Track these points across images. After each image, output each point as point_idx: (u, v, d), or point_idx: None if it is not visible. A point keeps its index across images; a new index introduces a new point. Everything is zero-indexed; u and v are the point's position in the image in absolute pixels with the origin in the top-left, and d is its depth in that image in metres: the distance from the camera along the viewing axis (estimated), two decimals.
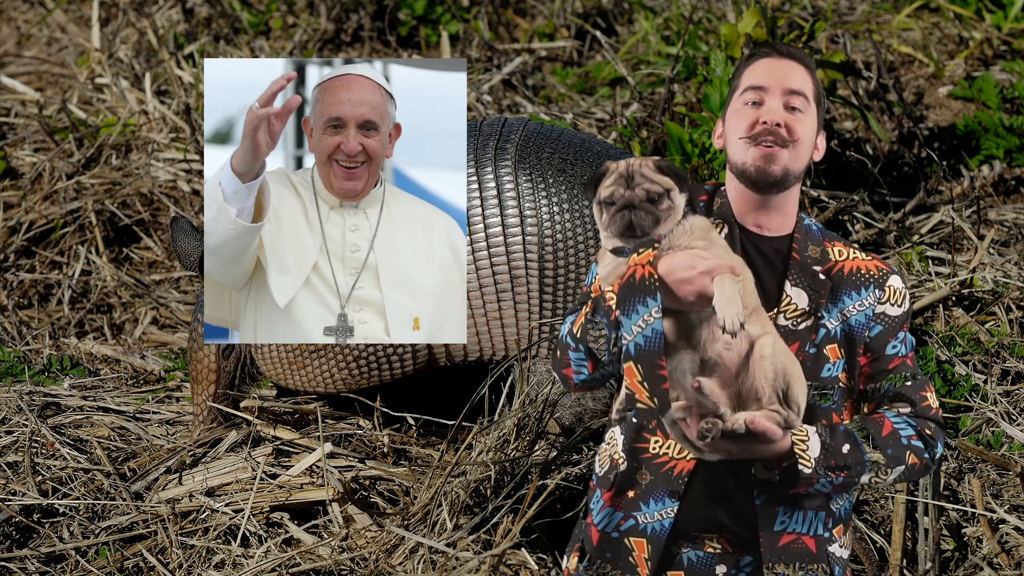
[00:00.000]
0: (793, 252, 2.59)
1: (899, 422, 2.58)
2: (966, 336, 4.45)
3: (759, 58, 2.61)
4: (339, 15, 6.64)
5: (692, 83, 5.78)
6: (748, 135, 2.56)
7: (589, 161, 4.06)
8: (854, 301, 2.59)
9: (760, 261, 2.59)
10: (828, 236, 2.64)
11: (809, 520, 2.60)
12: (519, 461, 3.79)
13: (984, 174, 5.42)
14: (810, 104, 2.58)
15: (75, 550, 3.85)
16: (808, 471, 2.50)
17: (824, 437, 2.52)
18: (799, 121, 2.56)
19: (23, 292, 5.50)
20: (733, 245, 2.59)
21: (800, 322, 2.57)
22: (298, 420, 4.20)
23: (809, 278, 2.58)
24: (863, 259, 2.62)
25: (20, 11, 7.18)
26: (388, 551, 3.75)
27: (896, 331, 2.61)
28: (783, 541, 2.59)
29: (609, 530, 2.65)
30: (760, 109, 2.56)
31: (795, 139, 2.55)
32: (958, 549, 3.78)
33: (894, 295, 2.61)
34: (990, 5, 6.29)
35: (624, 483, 2.64)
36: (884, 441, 2.55)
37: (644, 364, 2.45)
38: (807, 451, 2.50)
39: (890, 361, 2.61)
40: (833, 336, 2.58)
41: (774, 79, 2.57)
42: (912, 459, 2.56)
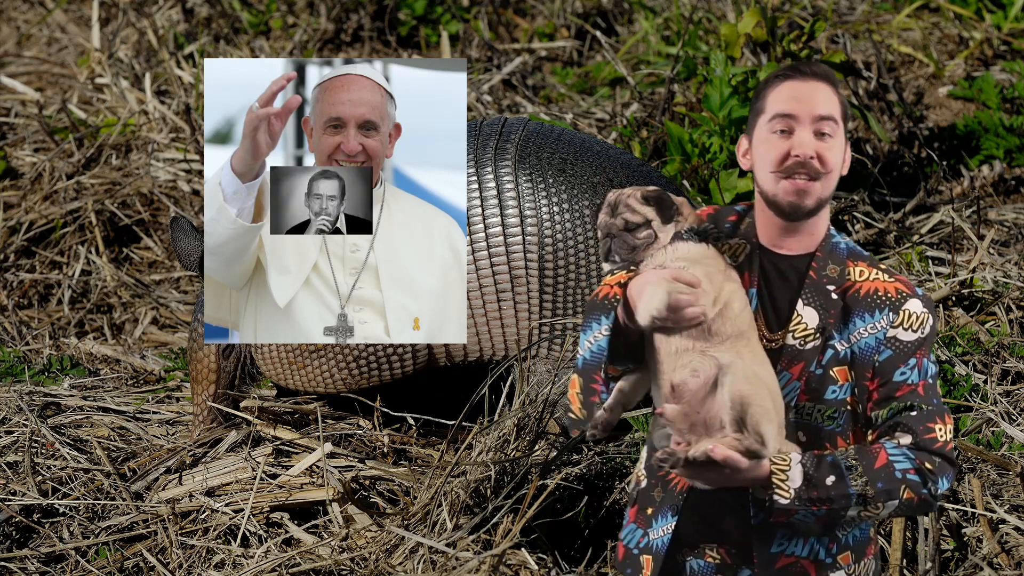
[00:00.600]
0: (811, 271, 2.54)
1: (896, 454, 2.48)
2: (966, 336, 4.45)
3: (783, 80, 2.54)
4: (339, 15, 6.64)
5: (692, 83, 5.78)
6: (779, 169, 2.50)
7: (589, 161, 4.06)
8: (866, 323, 2.51)
9: (777, 280, 2.56)
10: (856, 255, 2.57)
11: (811, 544, 2.55)
12: (519, 461, 3.79)
13: (984, 174, 5.42)
14: (838, 125, 2.52)
15: (75, 550, 3.85)
16: (785, 501, 2.45)
17: (808, 468, 2.45)
18: (830, 148, 2.50)
19: (23, 292, 5.50)
20: (751, 265, 2.56)
21: (808, 342, 2.52)
22: (298, 420, 4.20)
23: (822, 297, 2.52)
24: (884, 280, 2.53)
25: (20, 11, 7.18)
26: (388, 551, 3.75)
27: (907, 357, 2.51)
28: (780, 563, 2.55)
29: (631, 547, 2.66)
30: (790, 140, 2.50)
31: (828, 170, 2.50)
32: (958, 549, 3.78)
33: (908, 319, 2.51)
34: (990, 5, 6.29)
35: (644, 500, 2.65)
36: (875, 474, 2.46)
37: (584, 377, 2.54)
38: (786, 481, 2.45)
39: (898, 388, 2.51)
40: (843, 358, 2.52)
41: (802, 106, 2.50)
42: (907, 494, 2.46)
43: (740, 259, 2.58)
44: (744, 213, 2.61)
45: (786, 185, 2.50)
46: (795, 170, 2.49)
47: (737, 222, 2.61)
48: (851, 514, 2.47)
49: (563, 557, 3.82)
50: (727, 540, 2.57)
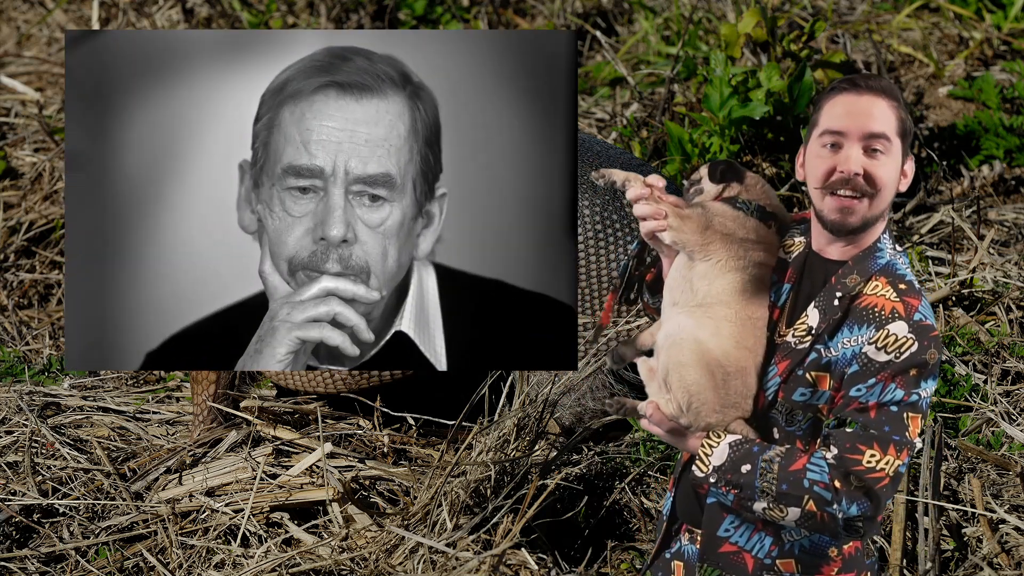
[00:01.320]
0: (833, 276, 2.52)
1: (814, 464, 2.43)
2: (966, 336, 4.45)
3: (838, 94, 2.49)
4: (339, 15, 6.64)
5: (692, 83, 5.78)
6: (824, 185, 2.48)
7: (589, 161, 4.06)
8: (851, 335, 2.47)
9: (809, 280, 2.55)
10: (886, 271, 2.51)
11: (755, 540, 2.54)
12: (519, 461, 3.79)
13: (984, 174, 5.41)
14: (892, 142, 2.47)
15: (75, 550, 3.85)
16: (700, 475, 2.49)
17: (734, 451, 2.46)
18: (880, 166, 2.46)
19: (23, 292, 5.50)
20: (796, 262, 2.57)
21: (802, 342, 2.51)
22: (298, 420, 4.20)
23: (828, 302, 2.51)
24: (891, 299, 2.47)
25: (20, 11, 7.18)
26: (388, 551, 3.75)
27: (869, 376, 2.44)
28: (723, 548, 2.56)
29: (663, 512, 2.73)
30: (838, 155, 2.46)
31: (877, 189, 2.46)
32: (958, 549, 3.78)
33: (885, 339, 2.44)
34: (990, 5, 6.29)
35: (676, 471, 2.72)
36: (786, 475, 2.43)
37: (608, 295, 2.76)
38: (709, 456, 2.48)
39: (849, 403, 2.45)
40: (824, 364, 2.48)
41: (853, 122, 2.46)
42: (810, 506, 2.41)
43: (792, 256, 2.59)
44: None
45: (830, 202, 2.48)
46: (839, 187, 2.46)
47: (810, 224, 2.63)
48: (757, 507, 2.46)
49: (563, 557, 3.82)
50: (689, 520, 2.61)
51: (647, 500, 3.94)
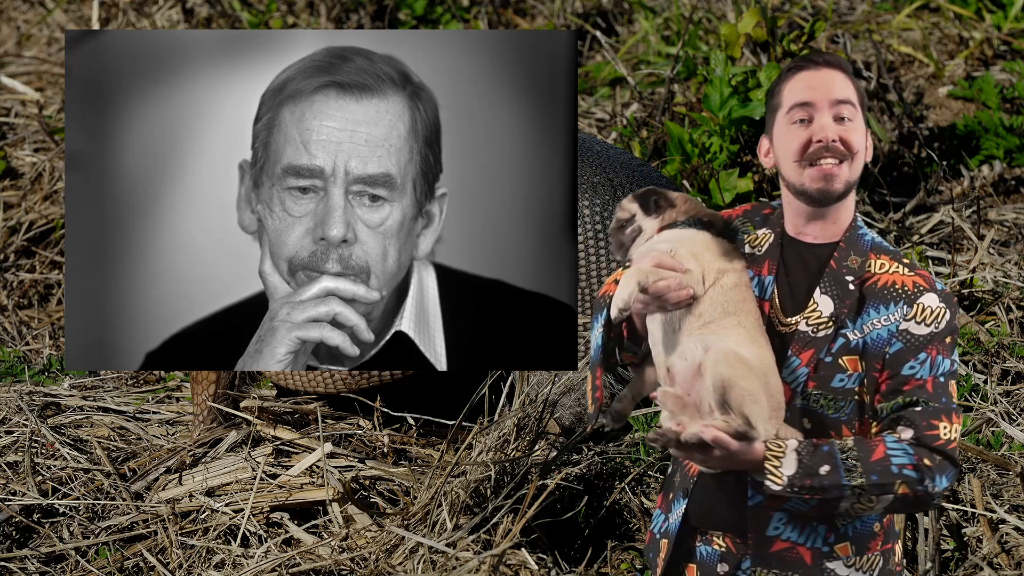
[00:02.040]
0: (832, 260, 2.54)
1: (895, 448, 2.46)
2: (966, 336, 4.45)
3: (796, 72, 2.54)
4: (339, 15, 6.65)
5: (692, 83, 5.78)
6: (802, 157, 2.51)
7: (589, 161, 4.06)
8: (880, 315, 2.50)
9: (797, 267, 2.56)
10: (879, 248, 2.56)
11: (808, 531, 2.55)
12: (519, 461, 3.79)
13: (984, 174, 5.42)
14: (857, 110, 2.52)
15: (75, 550, 3.86)
16: (777, 488, 2.44)
17: (803, 456, 2.44)
18: (852, 131, 2.51)
19: (23, 292, 5.50)
20: (771, 252, 2.57)
21: (820, 329, 2.52)
22: (298, 420, 4.20)
23: (839, 287, 2.53)
24: (904, 274, 2.53)
25: (20, 11, 7.18)
26: (388, 551, 3.75)
27: (918, 351, 2.49)
28: (776, 547, 2.55)
29: (655, 531, 2.70)
30: (811, 127, 2.50)
31: (854, 151, 2.50)
32: (958, 549, 3.78)
33: (922, 313, 2.49)
34: (990, 5, 6.29)
35: (668, 486, 2.69)
36: (871, 467, 2.44)
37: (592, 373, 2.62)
38: (779, 468, 2.44)
39: (906, 382, 2.50)
40: (853, 347, 2.51)
41: (817, 92, 2.51)
42: (903, 489, 2.44)
43: (763, 248, 2.59)
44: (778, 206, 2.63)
45: (812, 172, 2.50)
46: (819, 155, 2.50)
47: (769, 215, 2.63)
48: (844, 506, 2.46)
49: (563, 557, 3.82)
50: (727, 526, 2.58)
51: (647, 500, 3.94)
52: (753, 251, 2.60)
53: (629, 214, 2.60)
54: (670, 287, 2.46)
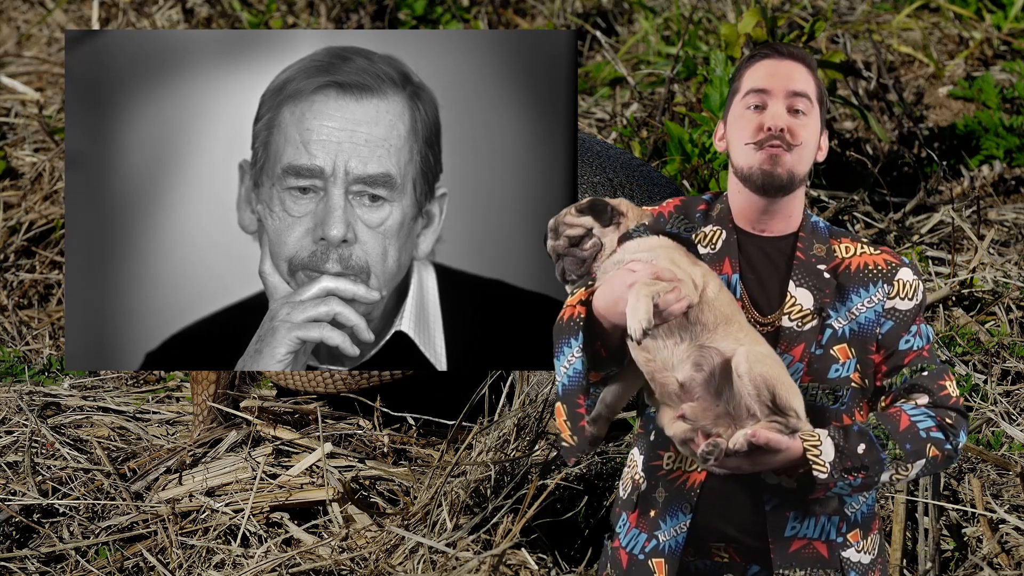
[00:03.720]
0: (798, 252, 2.56)
1: (917, 414, 2.53)
2: (966, 336, 4.45)
3: (759, 59, 2.57)
4: (339, 15, 6.65)
5: (692, 83, 5.78)
6: (753, 141, 2.53)
7: (589, 161, 4.06)
8: (862, 299, 2.55)
9: (763, 263, 2.57)
10: (836, 233, 2.61)
11: (821, 525, 2.56)
12: (519, 461, 3.80)
13: (984, 174, 5.42)
14: (813, 105, 2.55)
15: (75, 550, 3.86)
16: (824, 476, 2.45)
17: (837, 440, 2.47)
18: (802, 125, 2.53)
19: (23, 292, 5.50)
20: (729, 249, 2.56)
21: (805, 323, 2.53)
22: (298, 420, 4.20)
23: (814, 277, 2.55)
24: (871, 253, 2.58)
25: (20, 11, 7.18)
26: (388, 551, 3.75)
27: (908, 325, 2.56)
28: (794, 547, 2.56)
29: (636, 552, 2.63)
30: (763, 114, 2.53)
31: (797, 143, 2.53)
32: (958, 549, 3.78)
33: (904, 288, 2.56)
34: (990, 5, 6.29)
35: (645, 503, 2.62)
36: (902, 436, 2.50)
37: (568, 403, 2.49)
38: (820, 456, 2.45)
39: (905, 356, 2.56)
40: (841, 336, 2.54)
41: (776, 81, 2.54)
42: (933, 451, 2.51)
43: (718, 246, 2.57)
44: (713, 200, 2.62)
45: (759, 156, 2.52)
46: (767, 141, 2.52)
47: (707, 210, 2.61)
48: (884, 478, 2.50)
49: (563, 557, 3.82)
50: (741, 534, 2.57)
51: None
52: (706, 250, 2.57)
53: (584, 229, 2.53)
54: (677, 296, 2.43)
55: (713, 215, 2.60)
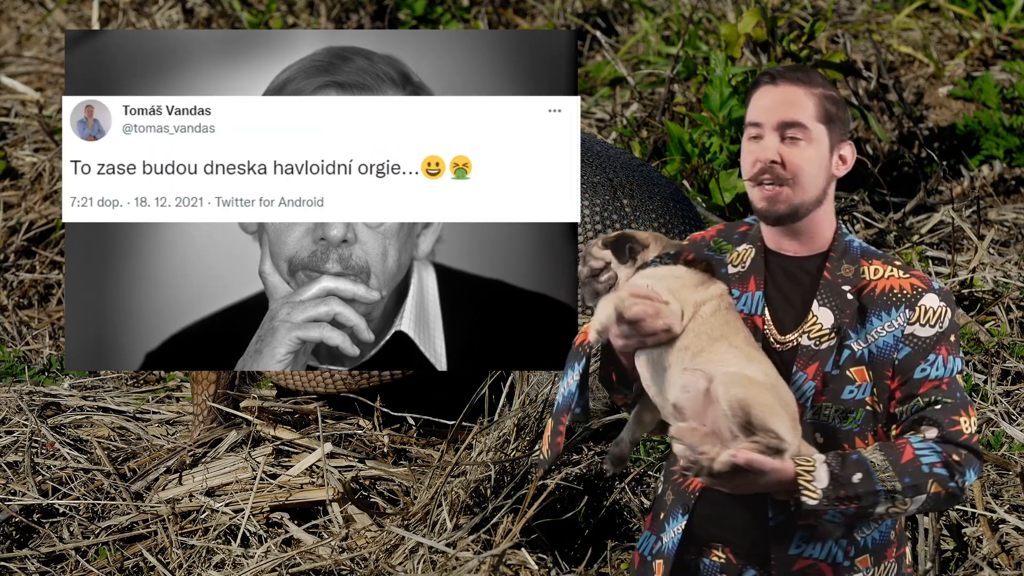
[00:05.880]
0: (825, 271, 2.52)
1: (923, 448, 2.46)
2: (966, 336, 4.45)
3: (759, 87, 2.55)
4: (339, 15, 6.65)
5: (692, 83, 5.79)
6: (748, 177, 2.52)
7: (589, 161, 4.06)
8: (883, 322, 2.49)
9: (786, 282, 2.55)
10: (869, 254, 2.56)
11: (828, 547, 2.53)
12: (519, 461, 3.79)
13: (984, 174, 5.42)
14: (809, 130, 2.51)
15: (75, 550, 3.86)
16: (813, 502, 2.41)
17: (834, 467, 2.42)
18: (797, 153, 2.50)
19: (23, 292, 5.50)
20: (756, 268, 2.56)
21: (823, 342, 2.50)
22: (298, 420, 4.20)
23: (837, 297, 2.51)
24: (899, 277, 2.51)
25: (20, 11, 7.19)
26: (388, 551, 3.75)
27: (927, 353, 2.49)
28: (798, 566, 2.53)
29: (644, 553, 2.65)
30: (758, 146, 2.52)
31: (791, 175, 2.49)
32: (958, 549, 3.78)
33: (926, 314, 2.49)
34: (990, 5, 6.29)
35: (657, 506, 2.65)
36: (902, 469, 2.43)
37: (554, 420, 2.58)
38: (813, 482, 2.41)
39: (920, 385, 2.49)
40: (860, 358, 2.49)
41: (767, 114, 2.52)
42: (935, 488, 2.44)
43: (747, 264, 2.58)
44: (755, 222, 2.62)
45: (757, 192, 2.52)
46: (759, 176, 2.50)
47: (747, 231, 2.62)
48: (879, 511, 2.44)
49: (563, 557, 3.82)
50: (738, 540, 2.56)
51: (647, 500, 3.94)
52: (736, 269, 2.58)
53: (603, 262, 2.58)
54: (647, 312, 2.43)
55: (749, 235, 2.60)
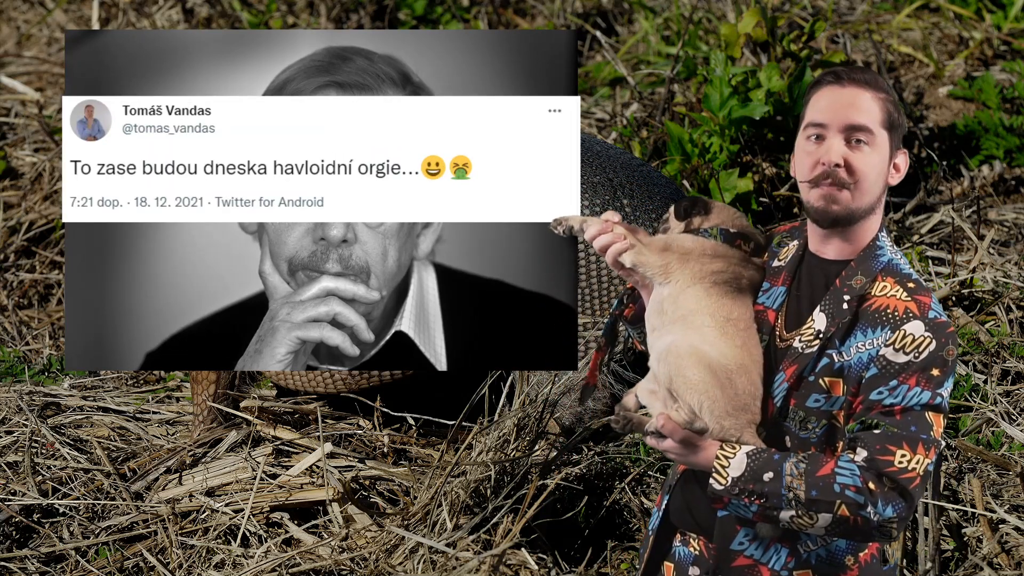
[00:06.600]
0: (837, 279, 2.50)
1: (843, 468, 2.40)
2: (966, 336, 4.45)
3: (822, 87, 2.51)
4: (339, 15, 6.65)
5: (692, 83, 5.78)
6: (808, 179, 2.48)
7: (589, 161, 4.06)
8: (865, 339, 2.45)
9: (809, 283, 2.54)
10: (889, 271, 2.49)
11: (772, 552, 2.51)
12: (519, 461, 3.80)
13: (984, 174, 5.41)
14: (876, 134, 2.48)
15: (75, 550, 3.86)
16: (718, 488, 2.42)
17: (752, 460, 2.41)
18: (862, 156, 2.47)
19: (23, 292, 5.50)
20: (790, 265, 2.56)
21: (809, 346, 2.49)
22: (298, 420, 4.20)
23: (836, 306, 2.49)
24: (900, 298, 2.46)
25: (20, 11, 7.19)
26: (388, 551, 3.75)
27: (890, 378, 2.42)
28: (738, 562, 2.52)
29: (650, 529, 2.71)
30: (820, 147, 2.48)
31: (855, 179, 2.46)
32: (958, 549, 3.78)
33: (903, 340, 2.42)
34: (990, 5, 6.29)
35: (664, 486, 2.70)
36: (814, 481, 2.38)
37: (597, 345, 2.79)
38: (727, 468, 2.42)
39: (871, 407, 2.42)
40: (837, 370, 2.46)
41: (834, 115, 2.47)
42: (843, 511, 2.37)
43: (787, 260, 2.58)
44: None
45: (815, 192, 2.48)
46: (821, 179, 2.47)
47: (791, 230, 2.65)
48: (784, 516, 2.41)
49: (563, 557, 3.82)
50: (698, 529, 2.59)
51: (647, 500, 3.94)
52: (780, 263, 2.59)
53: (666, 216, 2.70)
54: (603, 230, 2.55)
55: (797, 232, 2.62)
